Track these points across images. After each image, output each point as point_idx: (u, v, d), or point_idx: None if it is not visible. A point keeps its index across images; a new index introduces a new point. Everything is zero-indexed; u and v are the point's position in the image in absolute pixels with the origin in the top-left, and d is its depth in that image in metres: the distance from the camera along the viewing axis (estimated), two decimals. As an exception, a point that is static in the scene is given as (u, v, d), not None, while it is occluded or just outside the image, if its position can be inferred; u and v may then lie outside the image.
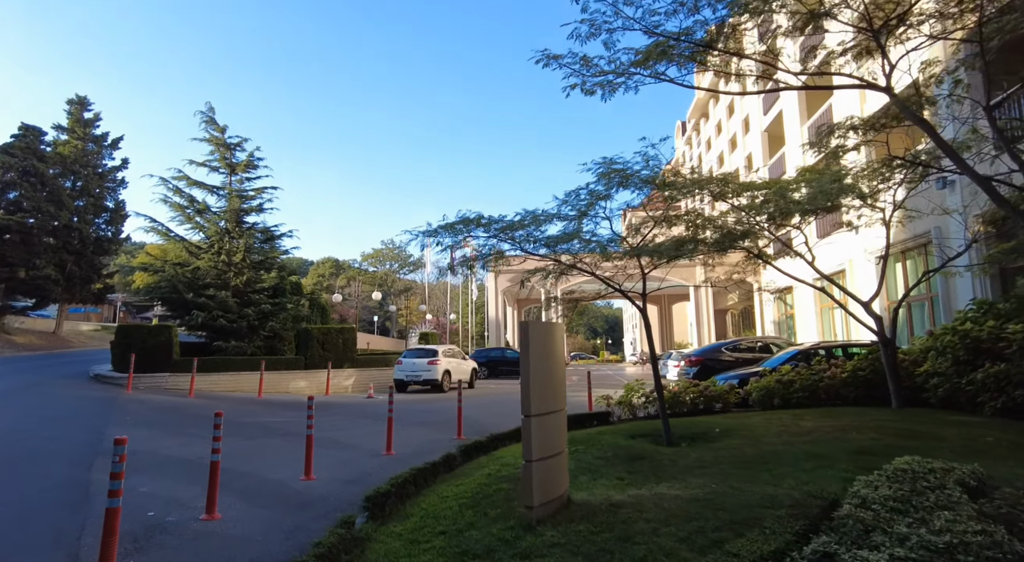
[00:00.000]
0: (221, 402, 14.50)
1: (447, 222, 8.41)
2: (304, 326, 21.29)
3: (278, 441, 9.81)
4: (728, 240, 9.76)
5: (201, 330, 20.43)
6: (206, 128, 22.55)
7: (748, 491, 4.80)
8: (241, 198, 22.35)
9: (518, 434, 9.10)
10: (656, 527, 4.03)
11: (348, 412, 13.73)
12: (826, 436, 7.27)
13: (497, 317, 44.27)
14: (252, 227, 22.67)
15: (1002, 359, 8.74)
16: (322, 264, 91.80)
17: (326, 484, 6.89)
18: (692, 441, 7.79)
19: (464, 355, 22.16)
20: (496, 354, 29.47)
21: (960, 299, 12.63)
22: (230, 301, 20.11)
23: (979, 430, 7.42)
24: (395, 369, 19.73)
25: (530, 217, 9.00)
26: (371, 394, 17.37)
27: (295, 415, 13.10)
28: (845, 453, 6.06)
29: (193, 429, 10.74)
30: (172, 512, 5.74)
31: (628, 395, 11.10)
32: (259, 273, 21.80)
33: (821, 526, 3.27)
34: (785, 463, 5.82)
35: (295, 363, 19.10)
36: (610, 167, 9.94)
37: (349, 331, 20.79)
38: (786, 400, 11.10)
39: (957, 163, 6.41)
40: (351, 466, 7.91)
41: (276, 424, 11.61)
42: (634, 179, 9.85)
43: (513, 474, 6.17)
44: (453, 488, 5.90)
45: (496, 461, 7.07)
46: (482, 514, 4.81)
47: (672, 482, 5.36)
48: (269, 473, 7.44)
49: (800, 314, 21.64)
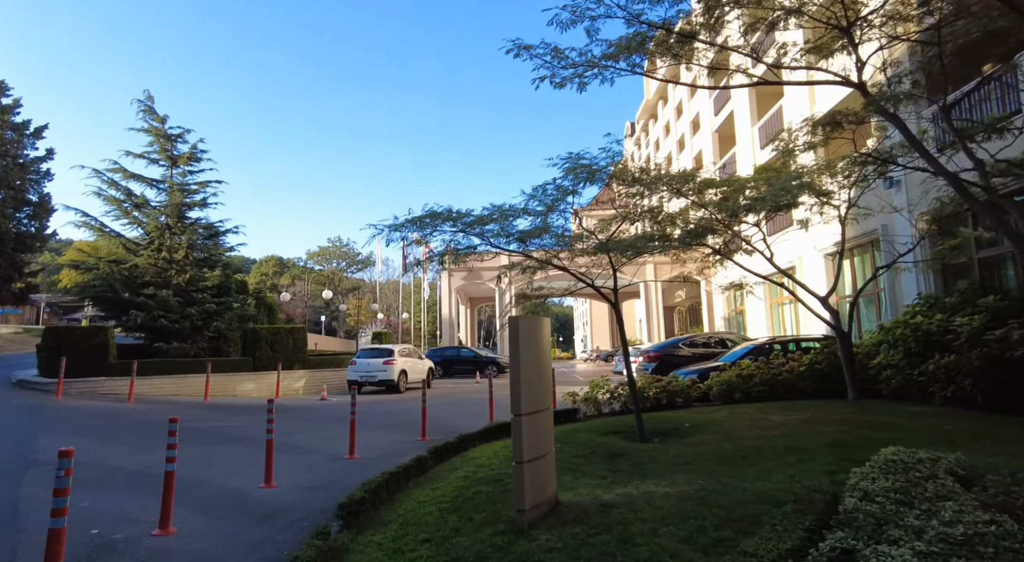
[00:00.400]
0: (165, 407, 13.66)
1: (414, 216, 8.09)
2: (251, 326, 20.39)
3: (232, 447, 9.26)
4: (693, 236, 9.82)
5: (140, 331, 19.26)
6: (144, 117, 21.28)
7: (738, 487, 4.74)
8: (183, 192, 21.20)
9: (487, 434, 8.92)
10: (654, 527, 3.90)
11: (304, 415, 13.16)
12: (797, 429, 7.36)
13: (451, 316, 43.85)
14: (195, 223, 21.55)
15: (950, 351, 9.10)
16: (265, 262, 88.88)
17: (289, 491, 6.49)
18: (664, 437, 7.76)
19: (420, 354, 21.73)
20: (451, 353, 29.12)
21: (905, 294, 13.16)
22: (172, 300, 19.04)
23: (936, 419, 7.68)
24: (348, 370, 19.14)
25: (498, 212, 8.78)
26: (324, 396, 16.78)
27: (247, 419, 12.47)
28: (821, 446, 6.11)
29: (135, 437, 10.03)
30: (120, 528, 5.24)
31: (593, 392, 11.04)
32: (202, 271, 20.73)
33: (830, 521, 3.20)
34: (766, 457, 5.81)
35: (243, 365, 18.24)
36: (577, 162, 9.84)
37: (299, 331, 20.04)
38: (747, 394, 11.27)
39: (927, 159, 6.60)
40: (313, 472, 7.51)
41: (228, 429, 10.99)
42: (600, 175, 9.80)
43: (490, 476, 5.94)
44: (429, 492, 5.63)
45: (469, 462, 6.82)
46: (466, 519, 4.57)
47: (658, 479, 5.26)
48: (226, 481, 6.96)
49: (751, 310, 22.24)
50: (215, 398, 16.04)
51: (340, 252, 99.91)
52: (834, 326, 10.63)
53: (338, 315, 78.89)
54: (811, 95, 17.29)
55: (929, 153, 6.55)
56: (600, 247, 8.31)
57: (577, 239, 8.82)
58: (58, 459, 3.61)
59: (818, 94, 17.08)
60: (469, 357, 29.11)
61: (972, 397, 8.55)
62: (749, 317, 22.47)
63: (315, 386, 19.63)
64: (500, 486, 5.49)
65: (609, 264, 9.01)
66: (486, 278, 42.28)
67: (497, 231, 7.95)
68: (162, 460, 8.11)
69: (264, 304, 23.46)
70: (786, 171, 11.44)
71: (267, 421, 6.97)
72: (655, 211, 9.85)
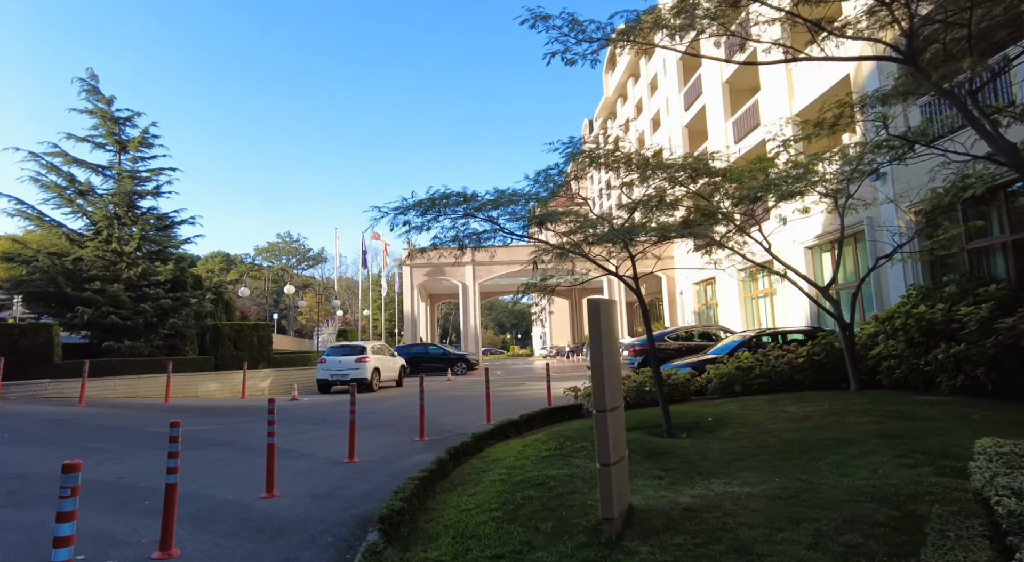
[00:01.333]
0: (121, 411, 12.51)
1: (421, 198, 7.45)
2: (212, 323, 19.13)
3: (212, 453, 8.38)
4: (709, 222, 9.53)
5: (86, 329, 17.76)
6: (88, 98, 19.67)
7: (822, 484, 4.37)
8: (134, 179, 19.70)
9: (497, 433, 8.38)
10: (767, 533, 3.46)
11: (281, 416, 12.21)
12: (827, 421, 7.11)
13: (412, 312, 42.84)
14: (148, 212, 20.07)
15: (955, 340, 9.11)
16: (211, 258, 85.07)
17: (295, 502, 5.79)
18: (690, 432, 7.40)
19: (392, 352, 20.91)
20: (418, 350, 28.30)
21: (891, 285, 13.31)
22: (123, 296, 17.63)
23: (958, 408, 7.58)
24: (318, 368, 18.17)
25: (506, 197, 8.25)
26: (295, 396, 15.82)
27: (218, 421, 11.50)
28: (871, 438, 5.85)
29: (98, 444, 9.00)
30: (111, 553, 4.46)
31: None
32: (155, 264, 19.31)
33: (1003, 526, 2.81)
34: (823, 451, 5.49)
35: (204, 364, 17.04)
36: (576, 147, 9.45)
37: (264, 328, 18.94)
38: (747, 387, 11.10)
39: (985, 136, 6.41)
40: (315, 478, 6.80)
41: (200, 433, 10.03)
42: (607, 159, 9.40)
43: (530, 479, 5.41)
44: (467, 499, 5.05)
45: (494, 464, 6.28)
46: (532, 529, 4.03)
47: (723, 478, 4.85)
48: (218, 492, 6.18)
49: (724, 303, 22.38)
50: (176, 400, 14.87)
51: (290, 248, 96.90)
52: (836, 316, 10.55)
53: (288, 313, 76.34)
54: (790, 88, 17.40)
55: (987, 129, 6.36)
56: (619, 233, 7.84)
57: (591, 224, 8.36)
58: (61, 475, 2.88)
59: (797, 89, 17.19)
60: (437, 354, 28.38)
61: (982, 386, 8.55)
62: (722, 311, 22.62)
63: (281, 386, 18.58)
64: (547, 490, 4.97)
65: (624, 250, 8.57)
66: (449, 274, 41.54)
67: (512, 216, 7.38)
68: (137, 470, 7.30)
69: (222, 300, 22.11)
70: (767, 163, 11.28)
71: (268, 424, 6.24)
72: (663, 196, 9.47)
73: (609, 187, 10.53)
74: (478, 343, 41.09)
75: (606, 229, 8.83)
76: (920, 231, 10.90)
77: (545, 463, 5.92)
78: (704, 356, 13.31)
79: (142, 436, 9.67)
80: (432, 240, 8.05)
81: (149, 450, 8.35)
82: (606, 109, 60.50)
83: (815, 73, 16.14)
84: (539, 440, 7.23)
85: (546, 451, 6.47)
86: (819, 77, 15.85)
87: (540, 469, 5.65)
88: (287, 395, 17.72)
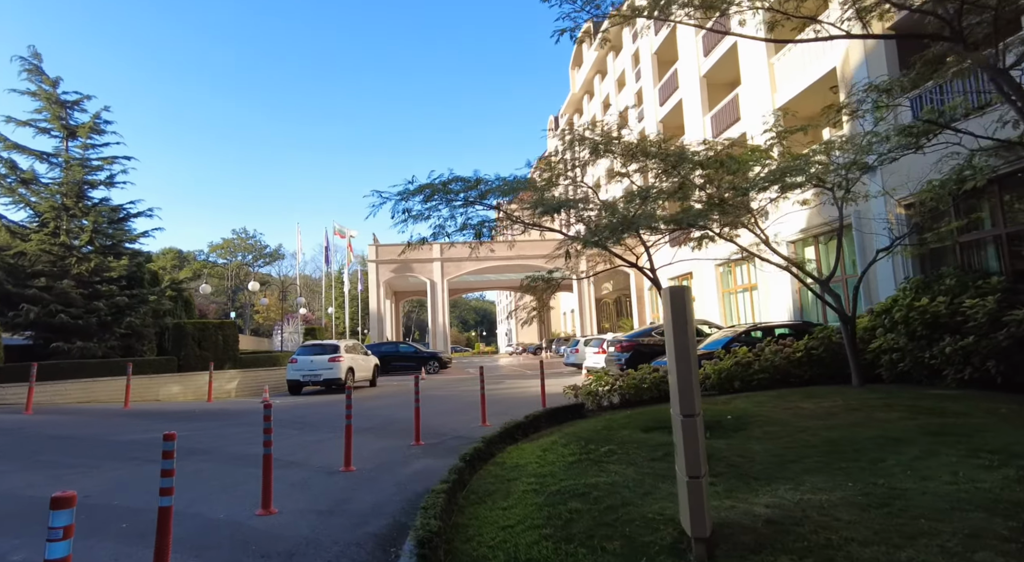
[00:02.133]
0: (78, 417, 11.44)
1: (425, 183, 6.83)
2: (172, 322, 17.94)
3: (192, 463, 7.55)
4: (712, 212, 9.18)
5: (31, 329, 16.39)
6: (30, 78, 18.19)
7: (908, 490, 3.99)
8: (84, 168, 18.30)
9: (506, 436, 7.80)
10: (886, 551, 3.03)
11: (253, 420, 11.38)
12: (855, 417, 6.84)
13: (379, 310, 41.76)
14: (99, 204, 18.69)
15: (960, 332, 9.02)
16: (163, 255, 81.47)
17: (296, 518, 5.12)
18: (711, 432, 7.00)
19: (366, 351, 20.07)
20: (388, 349, 27.41)
21: (880, 279, 13.31)
22: (73, 293, 16.32)
23: (979, 403, 7.41)
24: (288, 368, 17.22)
25: (520, 183, 7.72)
26: (267, 398, 14.88)
27: (191, 427, 10.59)
28: (920, 436, 5.55)
29: (55, 456, 8.07)
30: (92, 590, 3.74)
31: (595, 384, 10.21)
32: (108, 259, 17.97)
33: None
34: (876, 451, 5.16)
35: (166, 365, 15.91)
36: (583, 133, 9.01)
37: (230, 327, 17.85)
38: (746, 382, 10.86)
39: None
40: (312, 490, 6.11)
41: (170, 441, 9.15)
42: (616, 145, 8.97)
43: (567, 488, 4.89)
44: (501, 513, 4.50)
45: (516, 472, 5.73)
46: (598, 550, 3.52)
47: (785, 483, 4.44)
48: (208, 509, 5.45)
49: (701, 298, 22.33)
50: (137, 404, 13.78)
51: (246, 245, 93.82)
52: (837, 310, 10.38)
53: (245, 311, 73.72)
54: (772, 82, 17.34)
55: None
56: (640, 220, 7.38)
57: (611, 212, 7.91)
58: (51, 510, 2.21)
59: (780, 82, 17.14)
60: (409, 353, 27.59)
61: (991, 379, 8.46)
62: (699, 305, 22.54)
63: (248, 387, 17.56)
64: (593, 502, 4.47)
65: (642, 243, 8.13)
66: (417, 271, 40.66)
67: (535, 202, 6.84)
68: (106, 486, 6.41)
69: (182, 298, 20.82)
70: (762, 153, 11.06)
71: (264, 431, 5.53)
72: (684, 181, 9.07)
73: (613, 176, 10.09)
74: (447, 341, 40.38)
75: (614, 219, 8.40)
76: (918, 224, 10.83)
77: (576, 470, 5.41)
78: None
79: (105, 446, 8.74)
80: (433, 229, 7.45)
81: (117, 462, 7.49)
82: (572, 106, 60.33)
83: (800, 66, 16.10)
84: (555, 443, 6.73)
85: (570, 456, 5.96)
86: (805, 70, 15.81)
87: (574, 477, 5.14)
88: (256, 397, 16.76)
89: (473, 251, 9.07)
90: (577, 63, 57.76)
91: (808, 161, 9.96)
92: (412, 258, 40.10)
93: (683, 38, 23.68)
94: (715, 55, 20.95)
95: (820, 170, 9.62)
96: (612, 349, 15.78)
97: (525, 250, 41.10)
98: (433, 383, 20.19)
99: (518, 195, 7.66)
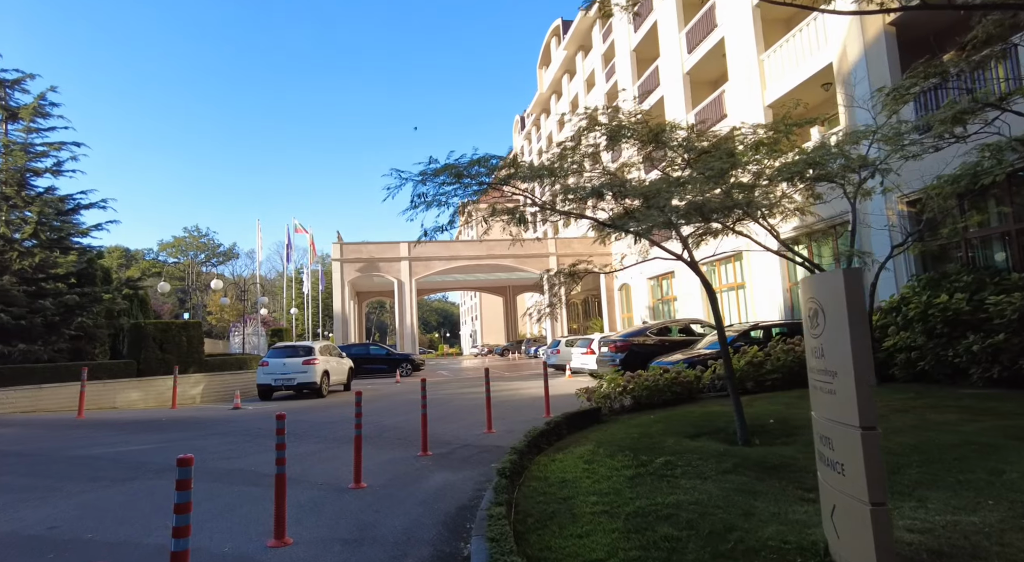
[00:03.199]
0: (25, 430, 10.15)
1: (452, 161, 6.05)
2: (128, 322, 16.50)
3: (168, 482, 6.55)
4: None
5: (-35, 330, 14.76)
6: (-34, 55, 16.48)
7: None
8: (27, 154, 16.68)
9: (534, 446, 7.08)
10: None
11: (229, 429, 10.34)
12: (910, 420, 6.42)
13: (343, 311, 40.27)
14: (45, 194, 17.08)
15: (984, 330, 8.78)
16: (108, 253, 77.28)
17: (320, 551, 4.29)
18: (762, 437, 6.47)
19: (341, 353, 18.98)
20: (359, 351, 26.22)
21: (880, 278, 13.12)
22: (15, 290, 14.78)
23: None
24: (258, 372, 16.03)
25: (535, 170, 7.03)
26: (238, 404, 13.74)
27: (160, 439, 9.48)
28: (1008, 440, 5.11)
29: (2, 477, 6.92)
30: None
31: (608, 387, 9.60)
32: (54, 254, 16.41)
33: None
34: (982, 459, 4.66)
35: (124, 369, 14.54)
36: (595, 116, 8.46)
37: (195, 327, 16.53)
38: (759, 383, 10.45)
39: None
40: (325, 512, 5.26)
41: (143, 455, 8.09)
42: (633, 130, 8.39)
43: (644, 510, 4.20)
44: (577, 542, 3.78)
45: (568, 489, 5.02)
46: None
47: (908, 501, 3.88)
48: (208, 540, 4.55)
49: (684, 298, 22.06)
50: (93, 413, 12.45)
51: (198, 243, 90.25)
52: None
53: (197, 312, 70.48)
54: (762, 78, 17.14)
55: None
56: (693, 207, 6.70)
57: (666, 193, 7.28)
58: None
59: (771, 79, 16.94)
60: (380, 355, 26.52)
61: (1020, 377, 8.22)
62: (682, 305, 22.29)
63: (215, 393, 16.29)
64: (688, 527, 3.80)
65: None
66: (384, 270, 39.42)
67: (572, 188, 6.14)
68: (73, 513, 5.34)
69: (137, 297, 19.28)
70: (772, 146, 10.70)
71: (277, 446, 4.68)
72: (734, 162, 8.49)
73: (647, 159, 9.43)
74: (415, 342, 39.26)
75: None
76: (931, 220, 10.61)
77: (643, 487, 4.75)
78: (697, 352, 12.60)
79: (64, 464, 7.61)
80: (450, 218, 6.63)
81: (81, 483, 6.44)
82: (540, 105, 59.99)
83: (794, 62, 15.92)
84: (595, 453, 6.05)
85: (624, 469, 5.29)
86: (799, 65, 15.62)
87: (646, 495, 4.48)
88: (224, 402, 15.55)
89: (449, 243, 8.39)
90: (545, 62, 57.44)
91: (829, 152, 9.57)
92: (379, 257, 38.93)
93: (665, 34, 23.41)
94: (700, 52, 20.71)
95: (853, 161, 9.24)
96: (605, 349, 15.23)
97: (495, 249, 40.43)
98: (409, 387, 19.26)
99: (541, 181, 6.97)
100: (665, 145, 8.37)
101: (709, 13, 19.97)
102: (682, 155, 8.29)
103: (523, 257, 41.13)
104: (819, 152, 9.15)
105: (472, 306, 78.75)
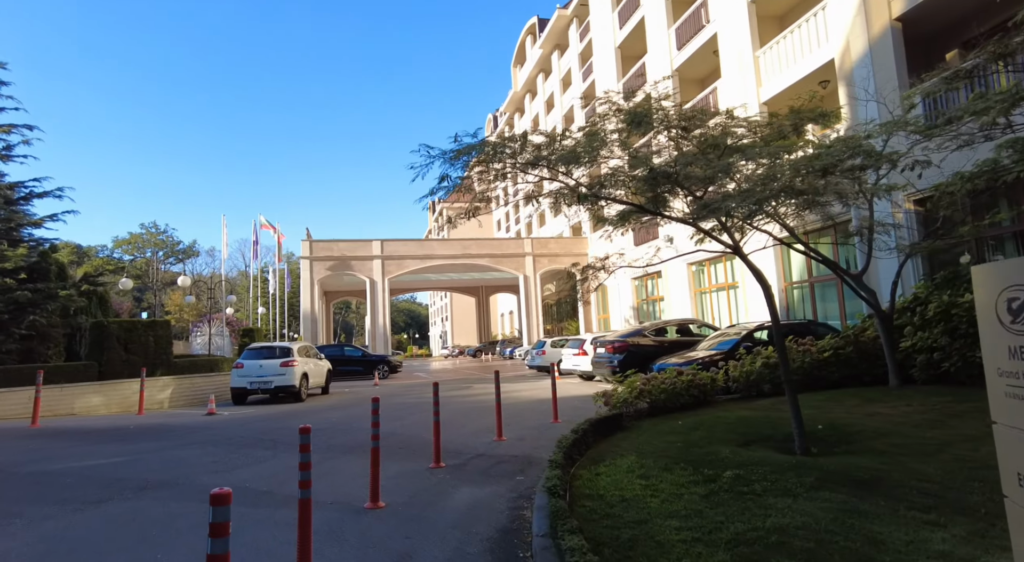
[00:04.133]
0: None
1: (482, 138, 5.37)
2: (85, 320, 15.22)
3: (155, 502, 5.64)
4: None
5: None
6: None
7: None
8: (-28, 135, 15.26)
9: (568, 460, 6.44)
10: None
11: (206, 438, 9.40)
12: (974, 428, 6.02)
13: (312, 311, 38.89)
14: (-6, 179, 15.67)
15: (1010, 330, 8.52)
16: (60, 249, 73.56)
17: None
18: (820, 446, 5.96)
19: (319, 354, 17.99)
20: (333, 352, 25.13)
21: (881, 277, 12.93)
22: (-41, 285, 13.42)
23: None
24: (233, 374, 14.97)
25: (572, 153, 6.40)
26: (212, 409, 12.71)
27: (131, 450, 8.47)
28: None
29: (-49, 498, 5.92)
30: None
31: (626, 391, 9.05)
32: (1, 247, 15.00)
33: None
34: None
35: (84, 372, 13.31)
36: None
37: (163, 326, 15.34)
38: (776, 385, 10.02)
39: None
40: (349, 541, 4.51)
41: (115, 469, 7.12)
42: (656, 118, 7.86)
43: (744, 536, 3.60)
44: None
45: (638, 511, 4.39)
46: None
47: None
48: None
49: (671, 298, 21.73)
50: (48, 420, 11.28)
51: (156, 240, 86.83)
52: (874, 306, 9.76)
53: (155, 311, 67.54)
54: (757, 76, 16.89)
55: None
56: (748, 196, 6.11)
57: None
58: None
59: (767, 76, 16.71)
60: (355, 356, 25.51)
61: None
62: (669, 305, 21.96)
63: (184, 397, 15.15)
64: (808, 557, 3.22)
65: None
66: (356, 269, 38.23)
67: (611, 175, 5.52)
68: (34, 547, 4.47)
69: (96, 295, 17.89)
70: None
71: (300, 467, 3.93)
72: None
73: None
74: (388, 343, 38.19)
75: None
76: (948, 218, 10.38)
77: (727, 507, 4.15)
78: (706, 353, 12.14)
79: (20, 482, 6.62)
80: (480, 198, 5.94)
81: (42, 506, 5.51)
82: (513, 104, 59.47)
83: (791, 58, 15.69)
84: (644, 466, 5.44)
85: (692, 485, 4.70)
86: (797, 62, 15.39)
87: (737, 518, 3.88)
88: (194, 408, 14.46)
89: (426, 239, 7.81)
90: (520, 61, 56.92)
91: (859, 147, 9.19)
92: (351, 255, 37.79)
93: (653, 30, 23.08)
94: (690, 48, 20.42)
95: (890, 155, 8.87)
96: (602, 350, 14.68)
97: (471, 249, 39.72)
98: (392, 390, 18.40)
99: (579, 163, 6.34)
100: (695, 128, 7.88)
101: (700, 8, 19.69)
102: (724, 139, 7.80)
103: (498, 257, 40.54)
104: (851, 143, 8.74)
105: (442, 306, 77.61)
